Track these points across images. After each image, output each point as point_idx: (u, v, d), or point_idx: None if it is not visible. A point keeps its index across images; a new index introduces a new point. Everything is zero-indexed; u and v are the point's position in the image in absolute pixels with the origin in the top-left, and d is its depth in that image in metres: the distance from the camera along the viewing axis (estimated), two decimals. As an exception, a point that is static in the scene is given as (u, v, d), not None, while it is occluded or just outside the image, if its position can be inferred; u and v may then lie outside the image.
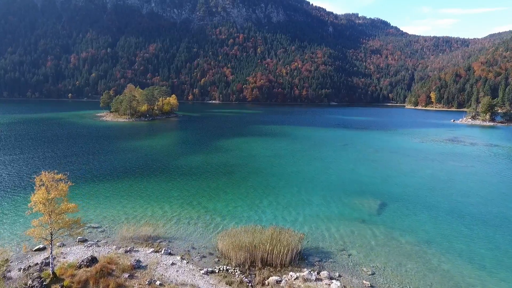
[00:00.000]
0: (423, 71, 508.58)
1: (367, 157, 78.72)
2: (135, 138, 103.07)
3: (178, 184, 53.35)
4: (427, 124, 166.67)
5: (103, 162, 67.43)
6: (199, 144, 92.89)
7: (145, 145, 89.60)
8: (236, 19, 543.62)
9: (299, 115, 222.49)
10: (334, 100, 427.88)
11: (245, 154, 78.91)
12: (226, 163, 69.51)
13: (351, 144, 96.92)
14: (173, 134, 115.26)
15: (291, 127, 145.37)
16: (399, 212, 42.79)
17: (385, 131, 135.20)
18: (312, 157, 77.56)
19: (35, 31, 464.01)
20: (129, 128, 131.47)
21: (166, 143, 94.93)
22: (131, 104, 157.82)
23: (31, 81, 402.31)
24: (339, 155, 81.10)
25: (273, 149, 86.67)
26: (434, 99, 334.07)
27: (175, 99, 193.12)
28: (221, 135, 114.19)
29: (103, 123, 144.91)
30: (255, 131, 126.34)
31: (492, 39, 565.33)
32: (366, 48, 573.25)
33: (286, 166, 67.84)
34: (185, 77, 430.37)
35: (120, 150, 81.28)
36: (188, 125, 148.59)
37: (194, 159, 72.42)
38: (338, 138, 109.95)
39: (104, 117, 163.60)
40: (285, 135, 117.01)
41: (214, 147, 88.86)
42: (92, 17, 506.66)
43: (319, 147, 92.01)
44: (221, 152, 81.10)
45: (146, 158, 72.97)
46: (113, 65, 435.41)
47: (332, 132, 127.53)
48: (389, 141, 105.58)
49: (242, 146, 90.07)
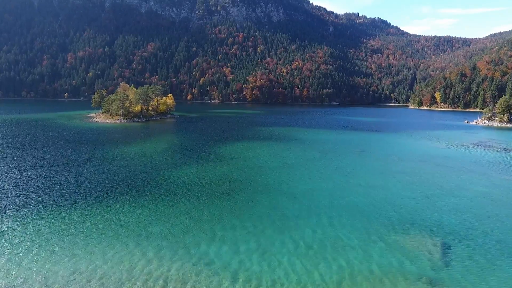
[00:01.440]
0: (425, 70, 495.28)
1: (393, 168, 65.27)
2: (122, 143, 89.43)
3: (163, 212, 39.84)
4: (440, 126, 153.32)
5: (76, 176, 53.84)
6: (195, 151, 79.34)
7: (132, 153, 76.01)
8: (236, 18, 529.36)
9: (302, 116, 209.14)
10: (335, 100, 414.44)
11: (248, 165, 65.39)
12: (226, 177, 55.97)
13: (368, 151, 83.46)
14: (167, 138, 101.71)
15: (295, 129, 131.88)
16: (475, 261, 29.36)
17: (400, 134, 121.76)
18: (327, 168, 64.08)
19: (32, 30, 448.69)
20: (119, 130, 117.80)
21: (157, 150, 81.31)
22: (124, 104, 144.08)
23: (27, 80, 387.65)
24: (358, 165, 67.62)
25: (280, 157, 73.19)
26: (439, 99, 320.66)
27: (171, 98, 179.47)
28: (220, 139, 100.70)
29: (92, 125, 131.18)
30: (257, 134, 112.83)
31: (494, 39, 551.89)
32: (367, 47, 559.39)
33: (298, 181, 54.37)
34: (184, 77, 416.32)
35: (101, 160, 67.73)
36: (185, 127, 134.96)
37: (187, 172, 58.89)
38: (351, 143, 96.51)
39: (94, 118, 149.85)
40: (291, 139, 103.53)
41: (212, 154, 75.34)
42: (89, 16, 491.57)
43: (332, 154, 78.55)
44: (221, 162, 67.58)
45: (130, 170, 59.41)
46: (110, 64, 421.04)
47: (342, 135, 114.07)
48: (410, 146, 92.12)
49: (244, 154, 76.52)
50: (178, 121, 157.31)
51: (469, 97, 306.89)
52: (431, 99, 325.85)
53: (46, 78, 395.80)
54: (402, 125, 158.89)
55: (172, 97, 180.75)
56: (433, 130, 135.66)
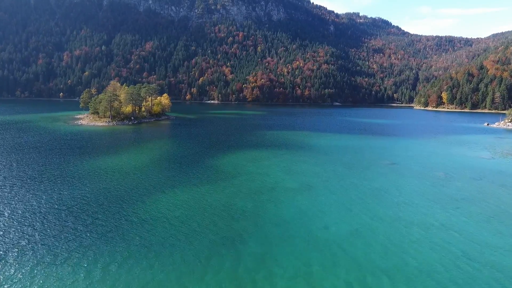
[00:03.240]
0: (427, 70, 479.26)
1: (447, 190, 48.87)
2: (102, 153, 72.80)
3: (134, 279, 23.44)
4: (461, 129, 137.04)
5: (26, 205, 37.28)
6: (189, 164, 62.84)
7: (110, 167, 59.49)
8: (236, 17, 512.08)
9: (306, 117, 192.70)
10: (337, 100, 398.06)
11: (256, 186, 48.88)
12: (228, 209, 39.51)
13: (400, 163, 67.08)
14: (157, 146, 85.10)
15: (304, 133, 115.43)
16: None
17: (423, 139, 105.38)
18: (361, 192, 47.65)
19: (27, 28, 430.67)
20: (104, 135, 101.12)
21: (142, 162, 64.75)
22: (112, 104, 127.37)
23: (21, 79, 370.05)
24: (399, 186, 51.16)
25: (295, 174, 56.77)
26: (445, 100, 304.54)
27: (167, 98, 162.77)
28: (220, 146, 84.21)
29: (75, 128, 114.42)
30: (262, 139, 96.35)
31: (497, 38, 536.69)
32: (369, 47, 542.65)
33: (331, 216, 37.96)
34: (183, 76, 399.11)
35: (69, 177, 51.25)
36: (180, 130, 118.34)
37: (175, 200, 42.38)
38: (373, 151, 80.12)
39: (80, 120, 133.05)
40: (302, 146, 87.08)
41: (210, 169, 58.87)
42: (87, 14, 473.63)
43: (358, 168, 62.19)
44: (220, 181, 51.08)
45: (100, 195, 42.95)
46: (107, 63, 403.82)
47: (359, 141, 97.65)
48: (445, 156, 75.72)
49: (249, 168, 60.04)
50: (174, 123, 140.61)
51: (477, 97, 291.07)
52: (437, 100, 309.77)
53: (41, 78, 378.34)
54: (418, 127, 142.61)
55: (167, 97, 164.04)
56: (457, 134, 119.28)
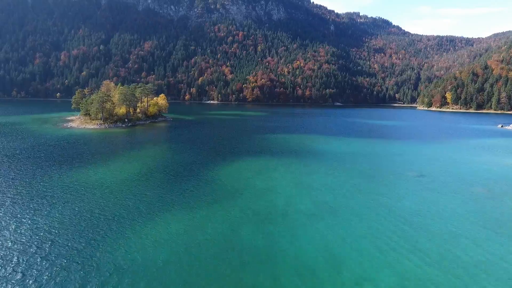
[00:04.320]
0: (429, 70, 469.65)
1: (497, 212, 39.28)
2: (86, 162, 63.05)
3: None
4: (475, 132, 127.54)
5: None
6: (184, 178, 53.16)
7: (92, 181, 49.81)
8: (236, 17, 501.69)
9: (309, 118, 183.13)
10: (338, 100, 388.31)
11: (265, 209, 39.21)
12: (232, 246, 29.83)
13: (428, 174, 57.43)
14: (150, 153, 75.39)
15: (310, 136, 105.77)
16: None
17: (440, 143, 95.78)
18: (392, 215, 38.07)
19: (24, 27, 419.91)
20: (93, 140, 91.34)
21: (129, 175, 55.06)
22: (104, 105, 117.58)
23: (17, 79, 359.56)
24: (435, 207, 41.55)
25: (309, 189, 47.19)
26: (450, 100, 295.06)
27: (164, 99, 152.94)
28: (220, 153, 74.58)
29: (63, 131, 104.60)
30: (266, 144, 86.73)
31: (498, 38, 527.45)
32: (369, 47, 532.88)
33: (362, 258, 28.35)
34: (182, 76, 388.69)
35: (39, 195, 41.60)
36: (177, 134, 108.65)
37: (163, 232, 32.72)
38: (393, 159, 70.55)
39: (70, 123, 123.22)
40: (311, 152, 77.47)
41: (209, 184, 49.22)
42: (85, 13, 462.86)
43: (379, 180, 52.60)
44: (221, 201, 41.39)
45: (68, 226, 33.30)
46: (105, 63, 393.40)
47: (370, 145, 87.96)
48: (477, 164, 66.00)
49: (255, 182, 50.39)
50: (171, 125, 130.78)
51: (482, 97, 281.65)
52: (441, 100, 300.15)
53: (38, 77, 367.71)
54: (429, 130, 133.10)
55: (164, 98, 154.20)
56: (473, 137, 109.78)
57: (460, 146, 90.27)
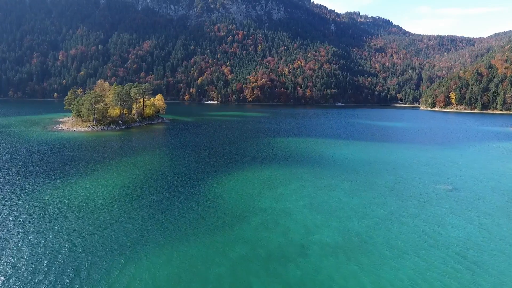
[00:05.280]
0: (430, 70, 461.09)
1: None
2: (67, 173, 54.29)
3: None
4: (490, 134, 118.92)
5: None
6: (178, 195, 44.40)
7: (71, 198, 41.09)
8: (236, 16, 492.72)
9: (312, 119, 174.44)
10: (340, 100, 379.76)
11: (277, 243, 30.45)
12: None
13: (464, 188, 48.76)
14: (142, 161, 66.64)
15: (318, 140, 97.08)
16: None
17: (460, 148, 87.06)
18: (442, 252, 29.39)
19: (21, 27, 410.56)
20: (81, 145, 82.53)
21: (115, 190, 46.34)
22: (97, 106, 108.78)
23: (14, 79, 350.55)
24: (491, 235, 32.99)
25: (326, 211, 38.54)
26: (454, 100, 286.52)
27: (161, 99, 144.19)
28: (219, 161, 65.87)
29: (51, 135, 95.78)
30: (270, 150, 78.03)
31: (499, 38, 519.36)
32: (370, 46, 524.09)
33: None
34: (182, 76, 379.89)
35: (4, 218, 32.91)
36: (174, 138, 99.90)
37: (151, 271, 24.00)
38: (416, 168, 61.83)
39: (61, 125, 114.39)
40: (321, 160, 68.79)
41: (206, 205, 40.49)
42: (83, 13, 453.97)
43: (410, 197, 43.96)
44: (221, 233, 32.59)
45: (38, 263, 24.55)
46: (104, 62, 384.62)
47: (388, 152, 79.22)
48: (508, 175, 57.51)
49: (261, 201, 41.64)
50: (168, 128, 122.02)
51: (487, 97, 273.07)
52: (445, 100, 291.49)
53: (35, 77, 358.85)
54: (442, 132, 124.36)
55: (161, 98, 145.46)
56: (490, 140, 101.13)
57: (481, 151, 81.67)
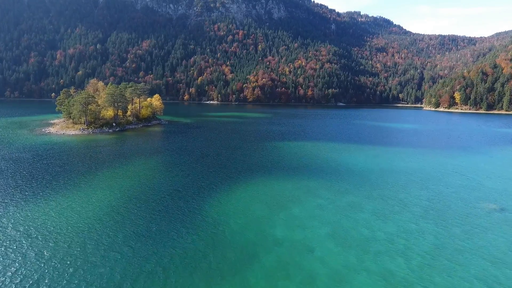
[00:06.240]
0: (432, 70, 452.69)
1: None
2: (42, 188, 45.81)
3: None
4: (508, 136, 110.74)
5: None
6: (171, 215, 35.87)
7: (38, 222, 32.56)
8: (236, 15, 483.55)
9: (316, 120, 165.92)
10: (341, 100, 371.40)
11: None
12: None
13: (509, 207, 40.54)
14: (131, 171, 58.15)
15: (328, 145, 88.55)
16: None
17: (485, 153, 78.57)
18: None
19: (19, 26, 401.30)
20: (67, 151, 73.92)
21: (95, 209, 37.84)
22: (88, 108, 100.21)
23: (10, 79, 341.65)
24: None
25: (356, 245, 30.15)
26: (458, 100, 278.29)
27: (158, 100, 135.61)
28: (220, 171, 57.34)
29: (37, 139, 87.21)
30: (277, 157, 69.60)
31: (500, 37, 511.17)
32: (371, 46, 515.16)
33: None
34: (181, 76, 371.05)
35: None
36: (170, 142, 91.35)
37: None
38: (449, 180, 53.35)
39: (51, 127, 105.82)
40: (336, 170, 60.31)
41: (205, 231, 31.93)
42: (82, 12, 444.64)
43: (455, 225, 35.57)
44: (220, 282, 24.32)
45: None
46: (102, 62, 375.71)
47: (409, 159, 70.74)
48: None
49: (272, 227, 33.13)
50: (165, 130, 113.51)
51: (493, 97, 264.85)
52: (449, 100, 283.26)
53: (32, 77, 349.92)
54: (458, 134, 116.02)
55: (159, 98, 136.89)
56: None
57: (506, 156, 73.33)
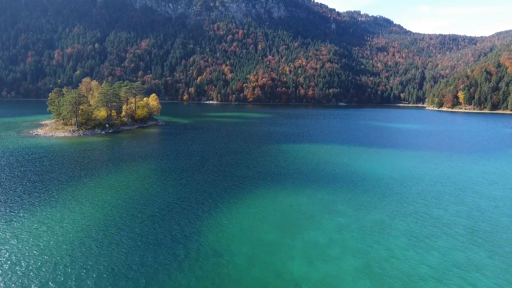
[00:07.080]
0: (433, 69, 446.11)
1: None
2: (22, 200, 38.74)
3: None
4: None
5: None
6: (164, 244, 28.91)
7: (8, 243, 25.62)
8: (235, 14, 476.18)
9: (320, 120, 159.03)
10: (342, 100, 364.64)
11: None
12: None
13: None
14: (119, 181, 51.21)
15: (338, 148, 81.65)
16: None
17: (506, 157, 72.09)
18: None
19: (16, 25, 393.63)
20: (53, 155, 66.88)
21: (79, 228, 30.86)
22: (80, 108, 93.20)
23: (7, 79, 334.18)
24: None
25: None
26: (462, 100, 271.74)
27: (155, 99, 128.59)
28: (221, 180, 50.39)
29: (23, 141, 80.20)
30: (284, 163, 62.69)
31: (501, 37, 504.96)
32: (372, 45, 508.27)
33: None
34: (180, 75, 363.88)
35: None
36: (166, 145, 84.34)
37: None
38: (481, 190, 46.50)
39: (39, 128, 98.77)
40: (349, 177, 53.35)
41: (203, 265, 24.97)
42: (80, 11, 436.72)
43: (495, 245, 28.77)
44: None
45: None
46: (100, 62, 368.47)
47: (425, 164, 63.83)
48: None
49: (282, 261, 26.17)
50: (161, 132, 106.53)
51: (497, 97, 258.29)
52: (453, 100, 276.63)
53: (29, 77, 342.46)
54: (470, 136, 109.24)
55: (156, 98, 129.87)
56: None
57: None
